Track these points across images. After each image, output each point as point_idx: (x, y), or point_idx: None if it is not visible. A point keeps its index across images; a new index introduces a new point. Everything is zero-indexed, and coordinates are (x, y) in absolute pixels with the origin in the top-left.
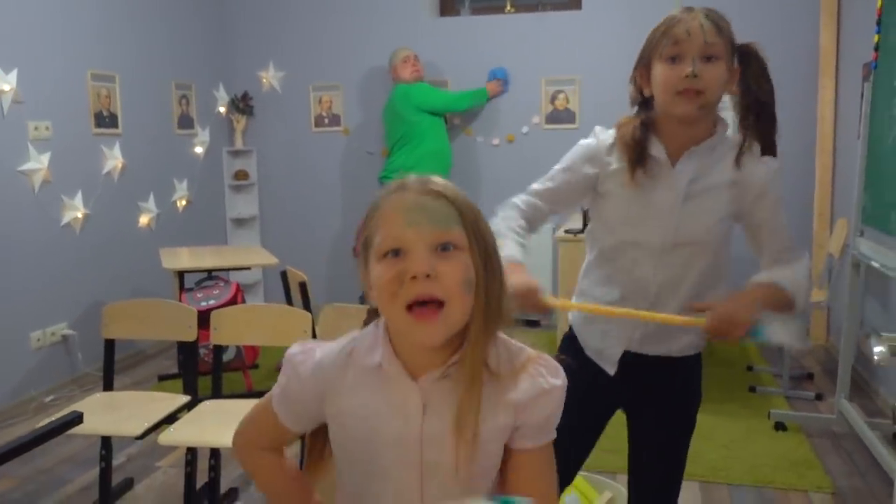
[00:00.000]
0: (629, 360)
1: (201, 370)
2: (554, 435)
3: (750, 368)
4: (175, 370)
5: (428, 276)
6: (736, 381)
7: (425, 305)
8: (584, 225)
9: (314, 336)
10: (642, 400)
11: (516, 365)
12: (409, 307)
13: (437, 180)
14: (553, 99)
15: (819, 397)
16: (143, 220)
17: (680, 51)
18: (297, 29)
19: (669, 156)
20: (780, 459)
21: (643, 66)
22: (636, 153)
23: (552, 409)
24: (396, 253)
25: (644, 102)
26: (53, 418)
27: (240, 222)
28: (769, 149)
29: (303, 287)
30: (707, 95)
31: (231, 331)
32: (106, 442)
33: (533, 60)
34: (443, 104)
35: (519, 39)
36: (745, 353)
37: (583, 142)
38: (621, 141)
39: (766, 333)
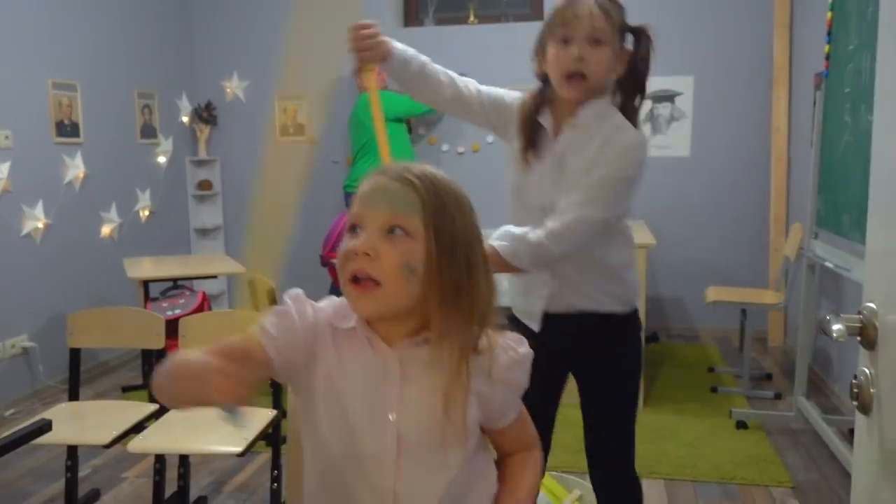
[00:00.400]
0: (560, 322)
1: None
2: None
3: (711, 370)
4: (139, 381)
5: (368, 254)
6: (698, 382)
7: (362, 281)
8: None
9: None
10: (583, 364)
11: (491, 341)
12: (353, 280)
13: (419, 168)
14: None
15: (778, 396)
16: (105, 230)
17: (568, 33)
18: (262, 38)
19: (554, 128)
20: (742, 456)
21: (540, 45)
22: (528, 127)
23: (524, 377)
24: (354, 229)
25: (545, 78)
26: (19, 427)
27: (204, 232)
28: (633, 122)
29: (271, 294)
30: (591, 80)
31: (200, 338)
32: (72, 452)
33: (496, 70)
34: (406, 108)
35: (482, 49)
36: (707, 356)
37: (515, 94)
38: (521, 111)
39: None
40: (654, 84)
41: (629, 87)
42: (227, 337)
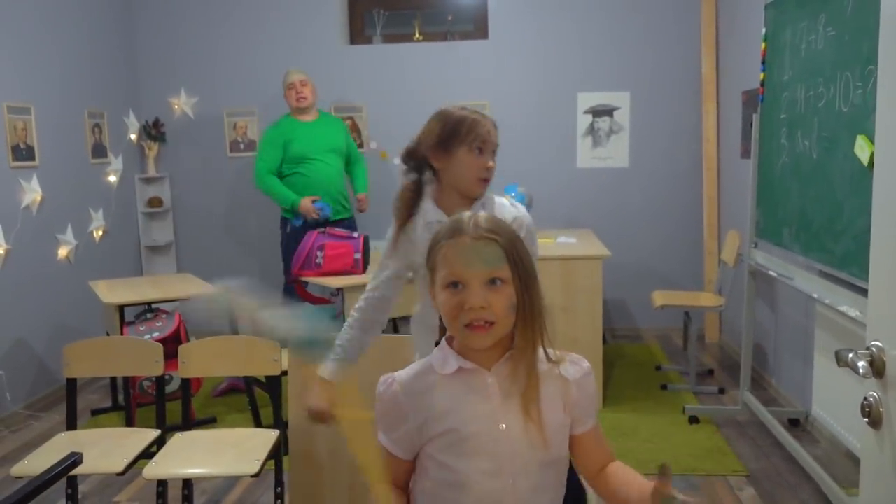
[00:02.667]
0: None
1: (142, 401)
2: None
3: (658, 368)
4: (108, 404)
5: (482, 307)
6: (648, 380)
7: (479, 326)
8: None
9: (285, 370)
10: None
11: (559, 354)
12: (469, 325)
13: (487, 222)
14: None
15: (721, 391)
16: (62, 252)
17: (481, 144)
18: (209, 54)
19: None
20: (698, 449)
21: (441, 146)
22: (407, 212)
23: (594, 388)
24: (456, 285)
25: (417, 167)
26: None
27: (155, 249)
28: None
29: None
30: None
31: (199, 363)
32: (71, 480)
33: (442, 87)
34: (257, 169)
35: (429, 67)
36: (652, 354)
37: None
38: (399, 201)
39: None
40: (594, 99)
41: None
42: (382, 466)
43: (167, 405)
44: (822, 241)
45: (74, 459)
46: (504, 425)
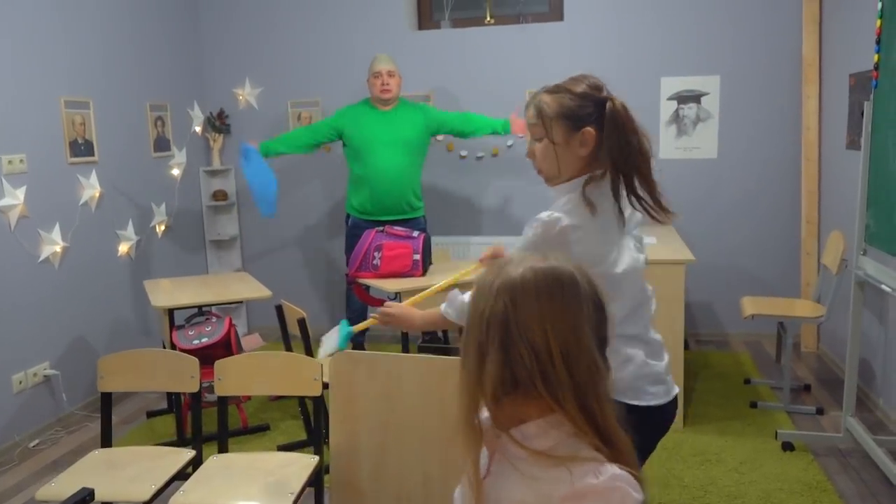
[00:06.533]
0: None
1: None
2: None
3: (747, 381)
4: (164, 405)
5: None
6: (735, 396)
7: None
8: None
9: (325, 385)
10: None
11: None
12: None
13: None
14: None
15: (820, 411)
16: (123, 248)
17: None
18: (273, 44)
19: None
20: (793, 482)
21: None
22: None
23: None
24: None
25: None
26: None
27: (220, 244)
28: (649, 200)
29: (302, 324)
30: (545, 172)
31: (236, 381)
32: None
33: (515, 72)
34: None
35: (501, 51)
36: (740, 365)
37: None
38: None
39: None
40: (679, 84)
41: (619, 164)
42: None
43: (216, 410)
44: None
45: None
46: None
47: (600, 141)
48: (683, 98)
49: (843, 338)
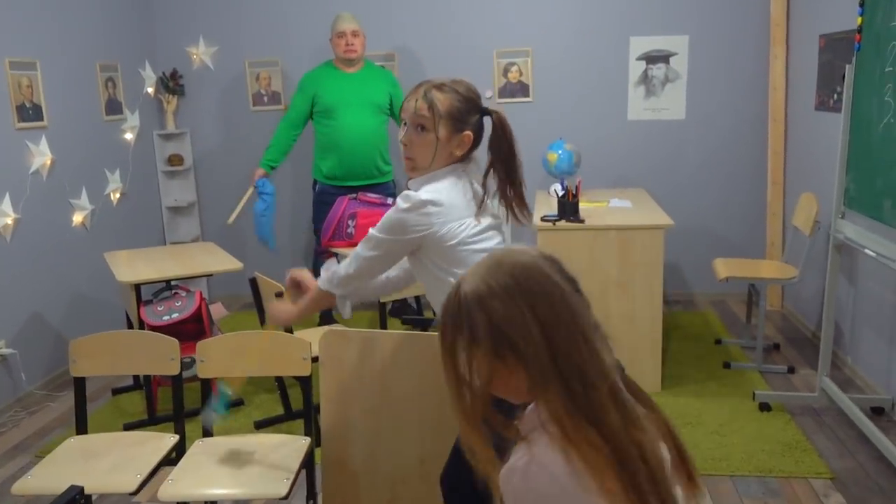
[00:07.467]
0: None
1: (163, 383)
2: None
3: (719, 342)
4: (129, 381)
5: None
6: (708, 357)
7: None
8: (560, 211)
9: (314, 359)
10: None
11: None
12: None
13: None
14: (506, 72)
15: (791, 370)
16: (77, 218)
17: (404, 117)
18: (228, 1)
19: None
20: (773, 443)
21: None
22: None
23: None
24: None
25: None
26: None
27: (177, 210)
28: (516, 200)
29: (279, 297)
30: (416, 161)
31: (219, 362)
32: (87, 500)
33: (485, 32)
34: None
35: (469, 11)
36: (710, 325)
37: None
38: None
39: None
40: (648, 44)
41: (497, 164)
42: None
43: (187, 385)
44: None
45: (74, 496)
46: None
47: (473, 145)
48: (652, 58)
49: (809, 297)
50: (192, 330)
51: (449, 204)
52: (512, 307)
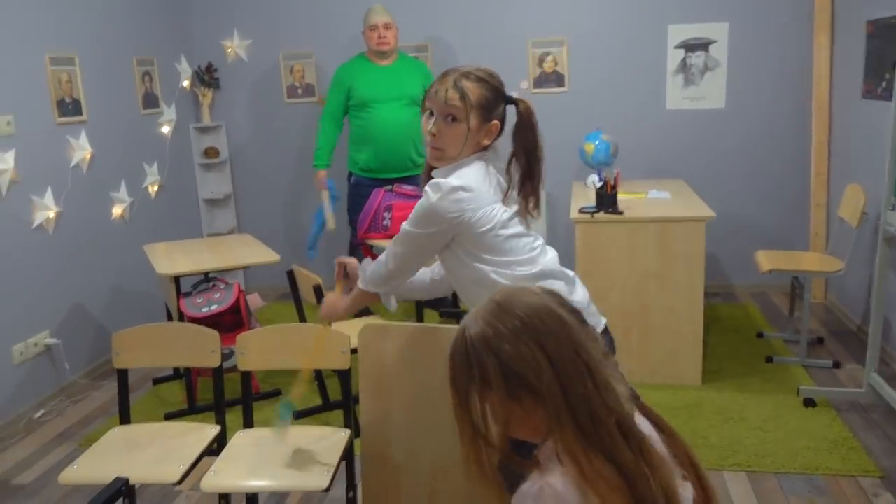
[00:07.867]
0: None
1: (203, 374)
2: None
3: (760, 335)
4: (170, 371)
5: None
6: (750, 351)
7: None
8: (599, 203)
9: (354, 347)
10: None
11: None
12: None
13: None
14: (541, 62)
15: (836, 365)
16: (117, 210)
17: (431, 107)
18: None
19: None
20: (819, 440)
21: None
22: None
23: None
24: None
25: None
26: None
27: (214, 203)
28: (531, 193)
29: (318, 291)
30: (445, 151)
31: (259, 355)
32: (130, 491)
33: (519, 21)
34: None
35: (503, 0)
36: (751, 318)
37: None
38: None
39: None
40: (687, 32)
41: (521, 155)
42: None
43: (226, 377)
44: None
45: (120, 487)
46: None
47: (498, 134)
48: (691, 46)
49: (854, 290)
50: (230, 321)
51: (479, 189)
52: (521, 346)
